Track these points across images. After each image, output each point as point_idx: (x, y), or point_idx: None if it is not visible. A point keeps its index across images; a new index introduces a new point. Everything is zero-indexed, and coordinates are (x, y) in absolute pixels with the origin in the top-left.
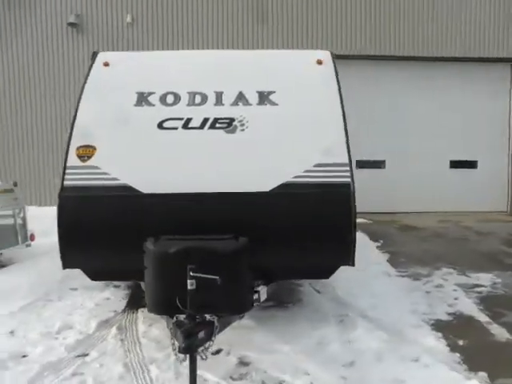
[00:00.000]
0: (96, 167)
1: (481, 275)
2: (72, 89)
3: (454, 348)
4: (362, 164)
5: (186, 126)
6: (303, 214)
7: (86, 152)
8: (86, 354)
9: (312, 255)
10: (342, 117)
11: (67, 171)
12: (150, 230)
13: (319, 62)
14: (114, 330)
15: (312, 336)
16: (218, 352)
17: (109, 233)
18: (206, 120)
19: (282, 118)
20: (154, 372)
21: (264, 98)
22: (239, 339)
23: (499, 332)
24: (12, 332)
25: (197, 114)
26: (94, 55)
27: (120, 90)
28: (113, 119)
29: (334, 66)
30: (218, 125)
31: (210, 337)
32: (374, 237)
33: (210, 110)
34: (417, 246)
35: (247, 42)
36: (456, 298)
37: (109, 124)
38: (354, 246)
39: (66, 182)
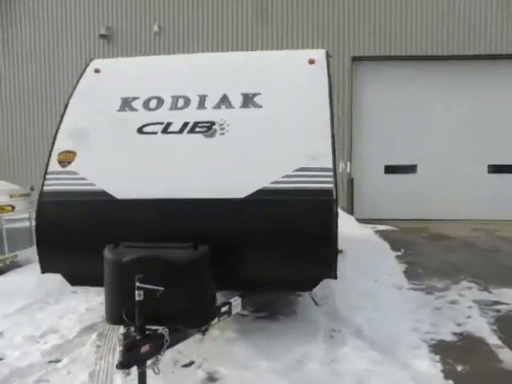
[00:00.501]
0: (75, 173)
1: (504, 291)
2: None
3: (449, 375)
4: (391, 169)
5: (165, 130)
6: (278, 222)
7: (67, 157)
8: (59, 360)
9: (289, 267)
10: (328, 119)
11: (47, 176)
12: (121, 236)
13: (311, 62)
14: (94, 336)
15: (295, 352)
16: (190, 364)
17: (83, 238)
18: (185, 124)
19: (265, 121)
20: (117, 382)
21: (248, 100)
22: (217, 352)
23: (509, 358)
24: (1, 333)
25: (177, 118)
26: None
27: (106, 96)
28: (95, 125)
29: (327, 66)
30: (197, 129)
31: (158, 351)
32: (396, 245)
33: (192, 114)
34: (441, 256)
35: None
36: (469, 317)
37: (91, 130)
38: (336, 258)
39: (45, 188)
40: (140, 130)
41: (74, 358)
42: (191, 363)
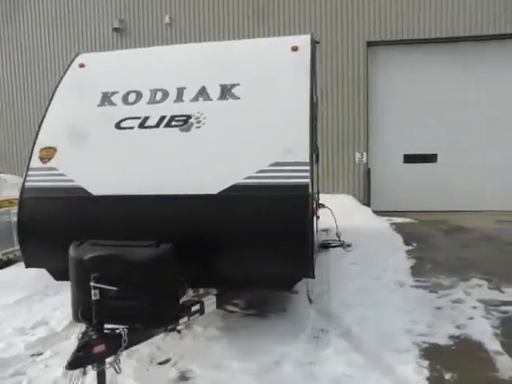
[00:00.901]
0: (54, 169)
1: None
2: None
3: (433, 383)
4: (410, 158)
5: (142, 125)
6: (251, 219)
7: (48, 154)
8: (40, 353)
9: (264, 265)
10: (307, 109)
11: (29, 173)
12: (98, 232)
13: (294, 49)
14: (78, 330)
15: (274, 353)
16: (165, 362)
17: (62, 234)
18: (162, 118)
19: (241, 113)
20: (89, 379)
21: (226, 91)
22: (195, 349)
23: (507, 366)
24: None
25: (155, 112)
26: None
27: (88, 91)
28: (75, 120)
29: (312, 52)
30: (173, 123)
31: (115, 351)
32: (410, 239)
33: (169, 108)
34: (456, 250)
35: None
36: (471, 318)
37: (71, 125)
38: (312, 256)
39: (26, 184)
40: (118, 125)
41: (56, 352)
42: (167, 361)
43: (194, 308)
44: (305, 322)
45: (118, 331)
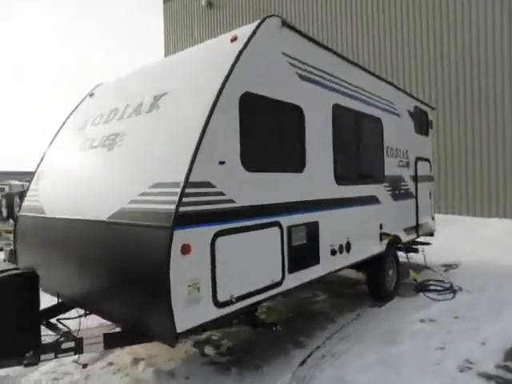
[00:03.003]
0: (37, 190)
1: None
2: None
3: None
4: None
5: (88, 147)
6: (119, 252)
7: (39, 177)
8: None
9: (127, 310)
10: (205, 115)
11: (27, 193)
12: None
13: (233, 39)
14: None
15: None
16: None
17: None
18: (103, 138)
19: (154, 126)
20: None
21: (154, 103)
22: None
23: None
24: None
25: (100, 134)
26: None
27: (79, 119)
28: (57, 148)
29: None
30: (107, 142)
31: None
32: None
33: (110, 127)
34: None
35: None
36: None
37: (56, 152)
38: (171, 313)
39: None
40: (75, 149)
41: None
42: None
43: (66, 345)
44: None
45: None
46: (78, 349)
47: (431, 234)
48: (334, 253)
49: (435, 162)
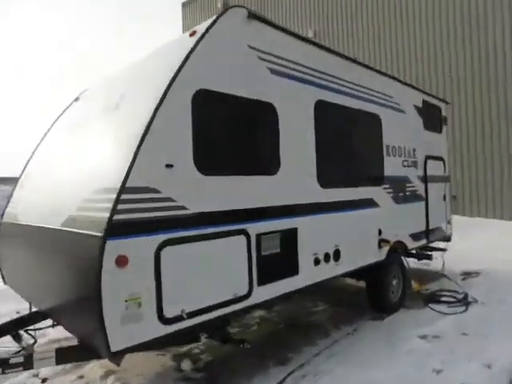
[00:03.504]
0: (16, 196)
1: None
2: None
3: None
4: None
5: (58, 152)
6: (62, 262)
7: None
8: None
9: (75, 324)
10: (151, 113)
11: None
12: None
13: (191, 34)
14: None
15: None
16: None
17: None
18: (72, 144)
19: (108, 130)
20: None
21: (116, 106)
22: None
23: None
24: None
25: (71, 139)
26: None
27: (62, 124)
28: (39, 152)
29: (206, 34)
30: (74, 148)
31: None
32: None
33: (80, 132)
34: None
35: None
36: None
37: (35, 155)
38: (105, 328)
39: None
40: (50, 155)
41: None
42: None
43: (15, 360)
44: None
45: None
46: (28, 364)
47: (447, 239)
48: (317, 262)
49: (458, 162)
